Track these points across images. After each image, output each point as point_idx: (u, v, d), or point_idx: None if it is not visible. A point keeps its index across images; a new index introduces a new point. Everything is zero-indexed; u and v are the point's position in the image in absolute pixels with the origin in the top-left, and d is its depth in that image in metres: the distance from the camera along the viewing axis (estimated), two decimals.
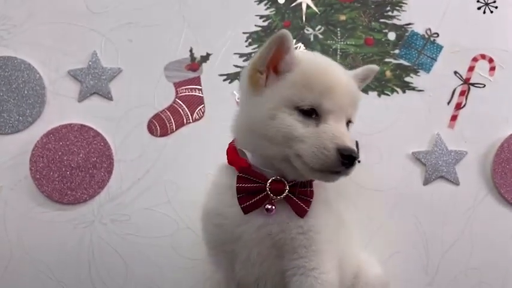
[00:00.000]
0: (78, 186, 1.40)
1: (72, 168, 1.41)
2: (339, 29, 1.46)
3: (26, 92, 1.43)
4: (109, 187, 1.41)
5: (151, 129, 1.43)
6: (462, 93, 1.43)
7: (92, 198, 1.41)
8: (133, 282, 1.38)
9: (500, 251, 1.40)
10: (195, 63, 1.45)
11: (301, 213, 0.95)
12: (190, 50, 1.45)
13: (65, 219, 1.40)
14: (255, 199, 0.93)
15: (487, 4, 1.44)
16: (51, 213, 1.40)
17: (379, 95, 1.44)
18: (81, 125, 1.42)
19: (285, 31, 0.88)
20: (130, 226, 1.40)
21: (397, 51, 1.45)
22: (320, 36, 1.45)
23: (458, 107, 1.43)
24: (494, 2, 1.43)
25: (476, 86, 1.43)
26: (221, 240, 1.00)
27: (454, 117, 1.43)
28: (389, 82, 1.44)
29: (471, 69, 1.44)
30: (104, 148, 1.42)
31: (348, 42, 1.46)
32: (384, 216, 1.40)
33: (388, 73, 1.45)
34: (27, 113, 1.43)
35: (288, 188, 0.94)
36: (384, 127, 1.43)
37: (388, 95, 1.44)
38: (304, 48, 1.45)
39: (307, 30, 1.46)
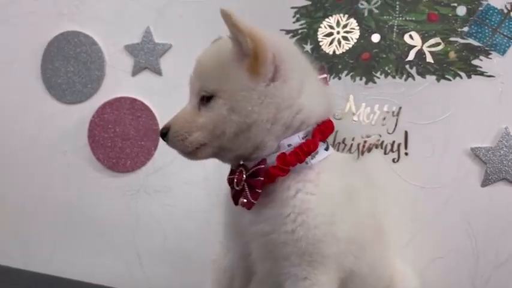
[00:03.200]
0: (128, 156, 1.49)
1: (123, 139, 1.50)
2: (398, 3, 1.29)
3: (89, 65, 1.54)
4: (154, 159, 1.48)
5: None
6: None
7: (139, 168, 1.49)
8: (170, 251, 1.45)
9: None
10: None
11: (248, 204, 0.86)
12: None
13: (115, 186, 1.51)
14: (235, 191, 0.90)
15: None
16: (104, 179, 1.52)
17: (438, 80, 1.26)
18: (133, 98, 1.50)
19: None
20: (170, 198, 1.46)
21: (466, 28, 1.24)
22: (375, 11, 1.30)
23: None
24: None
25: None
26: (231, 234, 0.99)
27: None
28: (452, 65, 1.25)
29: None
30: (151, 122, 1.48)
31: (408, 18, 1.28)
32: (430, 216, 1.25)
33: (451, 54, 1.25)
34: (88, 85, 1.54)
35: (245, 176, 0.88)
36: (440, 117, 1.25)
37: (449, 80, 1.25)
38: (356, 24, 1.32)
39: (362, 4, 1.31)
